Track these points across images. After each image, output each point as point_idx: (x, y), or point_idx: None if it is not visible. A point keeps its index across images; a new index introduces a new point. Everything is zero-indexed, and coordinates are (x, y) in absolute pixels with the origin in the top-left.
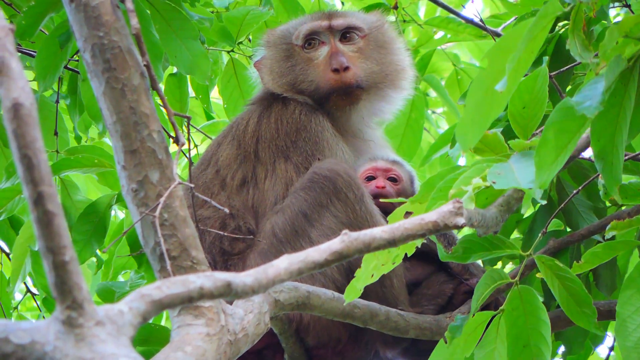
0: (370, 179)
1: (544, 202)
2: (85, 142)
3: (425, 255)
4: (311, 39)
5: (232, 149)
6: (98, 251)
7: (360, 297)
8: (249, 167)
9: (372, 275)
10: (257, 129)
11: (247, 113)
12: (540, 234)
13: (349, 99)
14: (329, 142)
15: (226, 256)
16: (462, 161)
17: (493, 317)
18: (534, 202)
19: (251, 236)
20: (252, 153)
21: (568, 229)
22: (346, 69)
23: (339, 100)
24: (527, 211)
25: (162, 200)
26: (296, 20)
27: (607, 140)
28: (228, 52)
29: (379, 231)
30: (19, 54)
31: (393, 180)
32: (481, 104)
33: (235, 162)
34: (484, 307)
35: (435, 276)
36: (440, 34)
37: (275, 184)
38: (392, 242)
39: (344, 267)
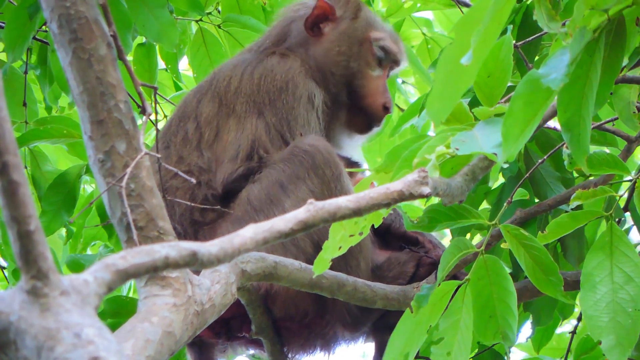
0: None
1: (507, 166)
2: (55, 112)
3: (385, 236)
4: (383, 59)
5: (214, 106)
6: (69, 222)
7: None
8: (225, 121)
9: (340, 248)
10: (239, 86)
11: (231, 69)
12: (505, 204)
13: (366, 133)
14: (307, 118)
15: (197, 226)
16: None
17: (459, 286)
18: (504, 173)
19: (219, 204)
20: (231, 109)
21: (536, 200)
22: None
23: (362, 127)
24: (496, 182)
25: (128, 170)
26: (380, 20)
27: (573, 112)
28: (197, 21)
29: (344, 200)
30: None
31: None
32: (450, 78)
33: (215, 119)
34: (451, 278)
35: (396, 257)
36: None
37: (241, 137)
38: (357, 212)
39: (316, 241)
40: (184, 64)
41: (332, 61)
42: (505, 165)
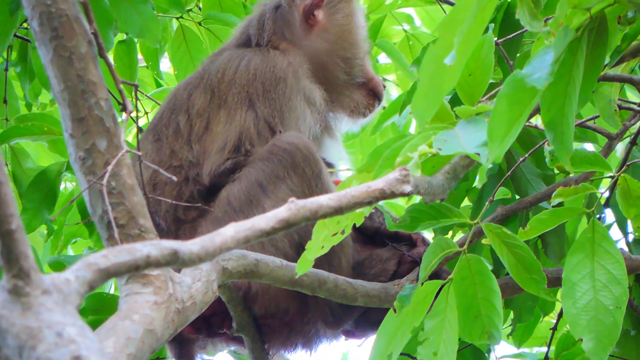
0: None
1: (490, 166)
2: (36, 110)
3: (366, 234)
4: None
5: (206, 98)
6: (49, 219)
7: None
8: (216, 112)
9: (322, 247)
10: (233, 77)
11: (225, 62)
12: (487, 202)
13: (371, 113)
14: (304, 112)
15: (179, 224)
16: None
17: (442, 286)
18: (488, 172)
19: (204, 200)
20: (223, 99)
21: (517, 197)
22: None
23: (367, 108)
24: (477, 181)
25: (109, 168)
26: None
27: (557, 111)
28: (177, 18)
29: (326, 199)
30: None
31: None
32: (434, 78)
33: (206, 111)
34: (433, 276)
35: (377, 254)
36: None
37: (230, 129)
38: (339, 210)
39: (296, 241)
40: (164, 62)
41: (333, 50)
42: (485, 160)
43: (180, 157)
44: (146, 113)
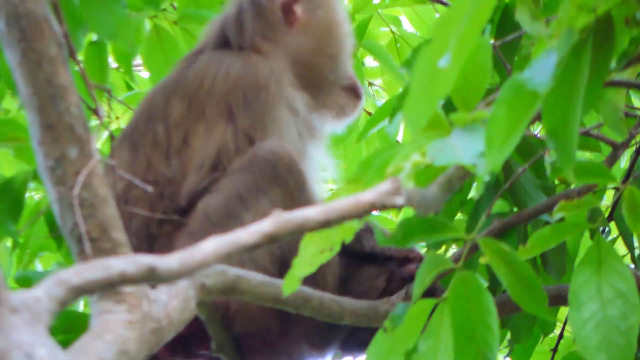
0: None
1: (488, 178)
2: (0, 115)
3: (353, 249)
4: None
5: (183, 107)
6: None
7: None
8: (194, 125)
9: (310, 264)
10: (212, 85)
11: (204, 67)
12: (484, 216)
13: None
14: (288, 123)
15: (152, 240)
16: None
17: (436, 305)
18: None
19: (180, 216)
20: (202, 111)
21: (515, 209)
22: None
23: (350, 108)
24: (472, 191)
25: (80, 178)
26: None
27: (559, 118)
28: (151, 17)
29: (313, 212)
30: None
31: None
32: (427, 82)
33: (184, 122)
34: (426, 294)
35: (365, 271)
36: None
37: (208, 146)
38: (326, 223)
39: (277, 257)
40: (136, 64)
41: (318, 48)
42: (488, 178)
43: (157, 171)
44: (117, 118)
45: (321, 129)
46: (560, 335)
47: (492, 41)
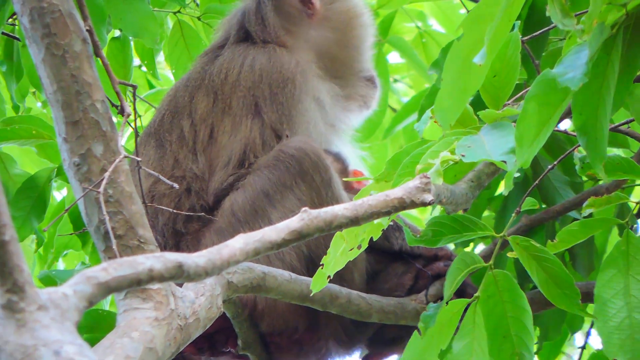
0: None
1: (518, 175)
2: (22, 112)
3: (381, 247)
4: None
5: (209, 101)
6: (41, 230)
7: None
8: (220, 119)
9: (339, 262)
10: (237, 79)
11: (227, 61)
12: (514, 214)
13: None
14: (314, 116)
15: (179, 237)
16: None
17: (468, 305)
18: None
19: (208, 214)
20: (227, 104)
21: (543, 205)
22: None
23: (364, 106)
24: (500, 188)
25: (106, 175)
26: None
27: (590, 114)
28: (175, 13)
29: (341, 208)
30: None
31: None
32: (459, 78)
33: (210, 117)
34: (458, 293)
35: (392, 268)
36: None
37: (234, 141)
38: (354, 221)
39: (303, 254)
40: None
41: (341, 39)
42: (512, 168)
43: (184, 167)
44: (140, 116)
45: (347, 121)
46: (589, 333)
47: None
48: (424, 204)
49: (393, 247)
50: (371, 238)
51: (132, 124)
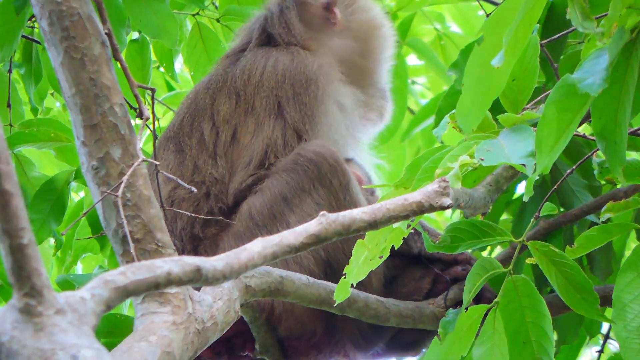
0: None
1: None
2: (40, 114)
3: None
4: None
5: (231, 103)
6: (59, 233)
7: None
8: (243, 120)
9: (362, 271)
10: (260, 79)
11: (249, 63)
12: (532, 218)
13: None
14: (337, 118)
15: (197, 241)
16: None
17: (488, 310)
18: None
19: (226, 218)
20: (250, 104)
21: (561, 209)
22: None
23: (380, 117)
24: (518, 191)
25: (124, 178)
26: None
27: (609, 119)
28: (193, 15)
29: (359, 212)
30: None
31: None
32: (480, 82)
33: (233, 118)
34: (477, 298)
35: (410, 272)
36: None
37: (256, 142)
38: (373, 225)
39: (321, 259)
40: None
41: (363, 49)
42: (531, 172)
43: (204, 172)
44: (157, 119)
45: (364, 129)
46: (607, 337)
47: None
48: (443, 208)
49: (412, 251)
50: None
51: (151, 127)
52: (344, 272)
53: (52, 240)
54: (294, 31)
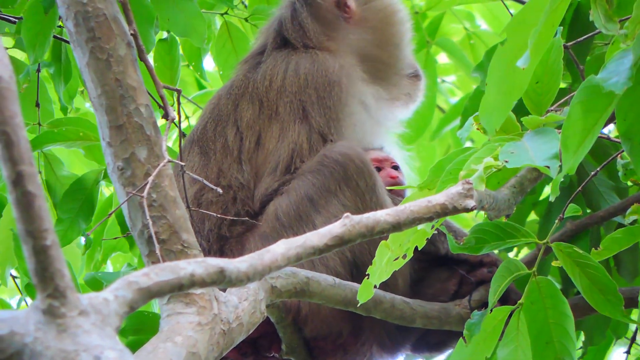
0: (376, 169)
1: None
2: (70, 113)
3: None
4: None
5: (254, 109)
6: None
7: None
8: (267, 125)
9: (385, 271)
10: (282, 84)
11: (270, 69)
12: (557, 220)
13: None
14: (361, 119)
15: (223, 242)
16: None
17: (512, 312)
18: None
19: (252, 219)
20: (274, 110)
21: (588, 211)
22: None
23: (410, 101)
24: (544, 192)
25: (150, 179)
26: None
27: (634, 119)
28: (222, 14)
29: (383, 214)
30: None
31: (396, 168)
32: (503, 83)
33: (256, 123)
34: (502, 299)
35: (436, 273)
36: None
37: (282, 147)
38: (397, 226)
39: (347, 260)
40: (207, 60)
41: (381, 39)
42: (555, 174)
43: (229, 176)
44: (187, 117)
45: (393, 121)
46: (634, 338)
47: (564, 42)
48: (466, 210)
49: (439, 251)
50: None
51: (178, 127)
52: (367, 273)
53: (82, 240)
54: (309, 33)
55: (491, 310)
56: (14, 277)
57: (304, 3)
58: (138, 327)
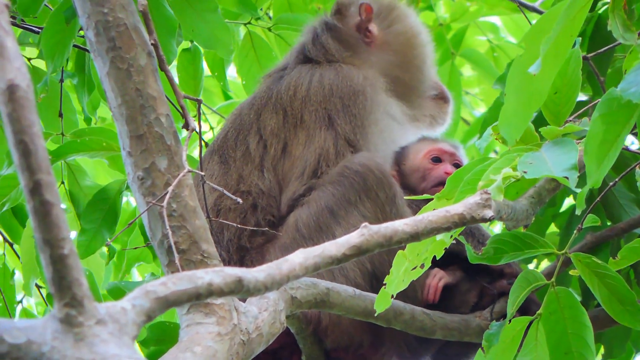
0: (436, 160)
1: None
2: (95, 123)
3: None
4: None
5: (279, 118)
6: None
7: None
8: (293, 133)
9: (402, 281)
10: (307, 94)
11: (294, 79)
12: (575, 231)
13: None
14: (389, 125)
15: (243, 252)
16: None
17: (531, 322)
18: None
19: (273, 229)
20: (299, 119)
21: (608, 222)
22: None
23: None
24: (565, 205)
25: (170, 189)
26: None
27: None
28: (245, 24)
29: (401, 224)
30: (22, 30)
31: (457, 166)
32: (521, 92)
33: (282, 132)
34: (521, 309)
35: (456, 284)
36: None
37: (309, 152)
38: (415, 236)
39: (367, 271)
40: (231, 70)
41: (404, 61)
42: (574, 184)
43: (249, 182)
44: (212, 128)
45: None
46: None
47: (584, 53)
48: (484, 220)
49: (464, 252)
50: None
51: (200, 138)
52: (384, 282)
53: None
54: (331, 51)
55: (510, 321)
56: (38, 287)
57: (325, 27)
58: (160, 338)
